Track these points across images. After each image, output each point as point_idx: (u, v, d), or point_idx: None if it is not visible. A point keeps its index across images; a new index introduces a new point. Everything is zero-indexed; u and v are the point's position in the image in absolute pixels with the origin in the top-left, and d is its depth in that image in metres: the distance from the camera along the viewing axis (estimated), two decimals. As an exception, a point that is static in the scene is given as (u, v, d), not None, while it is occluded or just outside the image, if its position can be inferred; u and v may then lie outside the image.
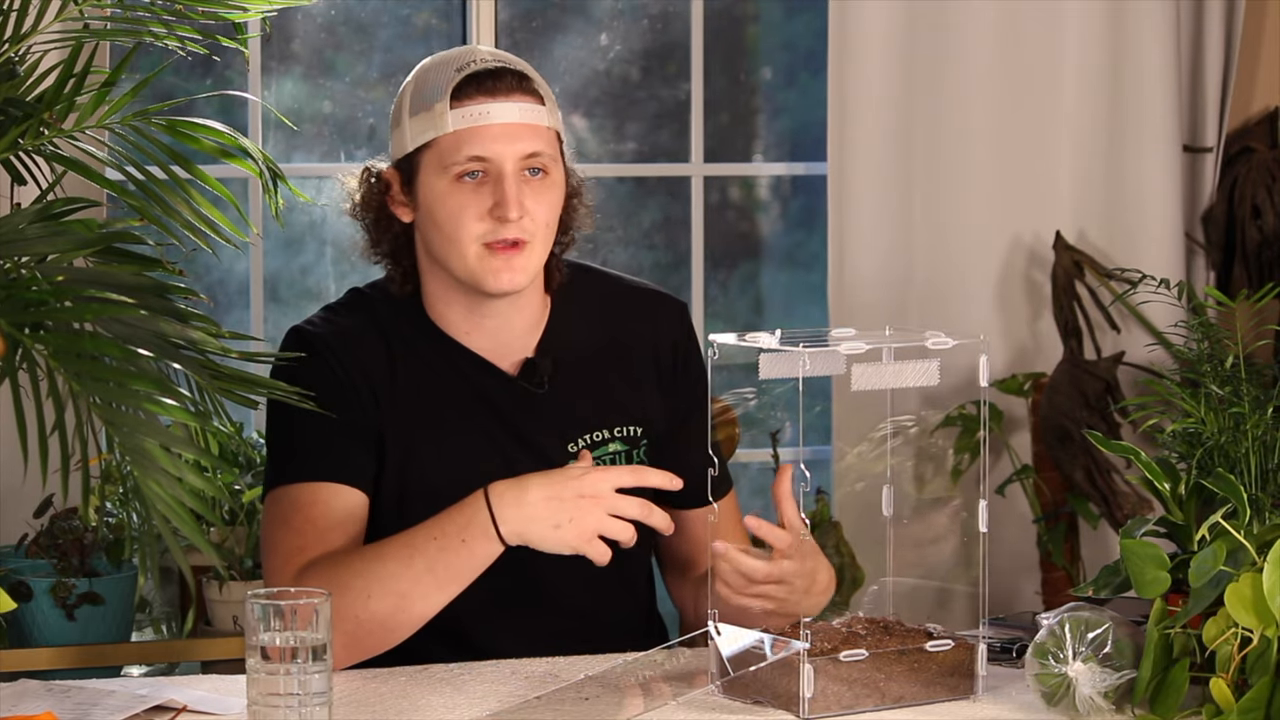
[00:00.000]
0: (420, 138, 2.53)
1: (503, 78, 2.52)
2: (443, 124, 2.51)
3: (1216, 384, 2.41)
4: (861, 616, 2.35)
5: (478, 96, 2.51)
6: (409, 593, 2.40)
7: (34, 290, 2.02)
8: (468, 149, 2.50)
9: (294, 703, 2.04)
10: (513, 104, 2.51)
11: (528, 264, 2.53)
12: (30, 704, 2.26)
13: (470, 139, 2.50)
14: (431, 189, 2.53)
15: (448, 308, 2.59)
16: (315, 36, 4.26)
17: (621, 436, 2.62)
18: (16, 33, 2.30)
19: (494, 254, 2.51)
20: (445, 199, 2.51)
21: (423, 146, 2.53)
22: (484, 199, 2.50)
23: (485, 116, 2.50)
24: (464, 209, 2.50)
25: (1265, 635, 2.11)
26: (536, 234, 2.52)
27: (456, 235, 2.51)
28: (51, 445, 1.97)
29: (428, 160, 2.53)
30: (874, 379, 2.35)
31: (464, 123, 2.50)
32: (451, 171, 2.51)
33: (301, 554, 2.47)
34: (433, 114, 2.51)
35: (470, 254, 2.51)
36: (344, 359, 2.55)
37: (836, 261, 4.14)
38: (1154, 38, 4.19)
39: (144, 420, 1.98)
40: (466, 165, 2.50)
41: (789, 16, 4.53)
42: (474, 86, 2.51)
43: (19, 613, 3.55)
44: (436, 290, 2.59)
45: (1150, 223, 4.22)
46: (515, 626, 2.57)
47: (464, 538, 2.39)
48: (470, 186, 2.51)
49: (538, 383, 2.58)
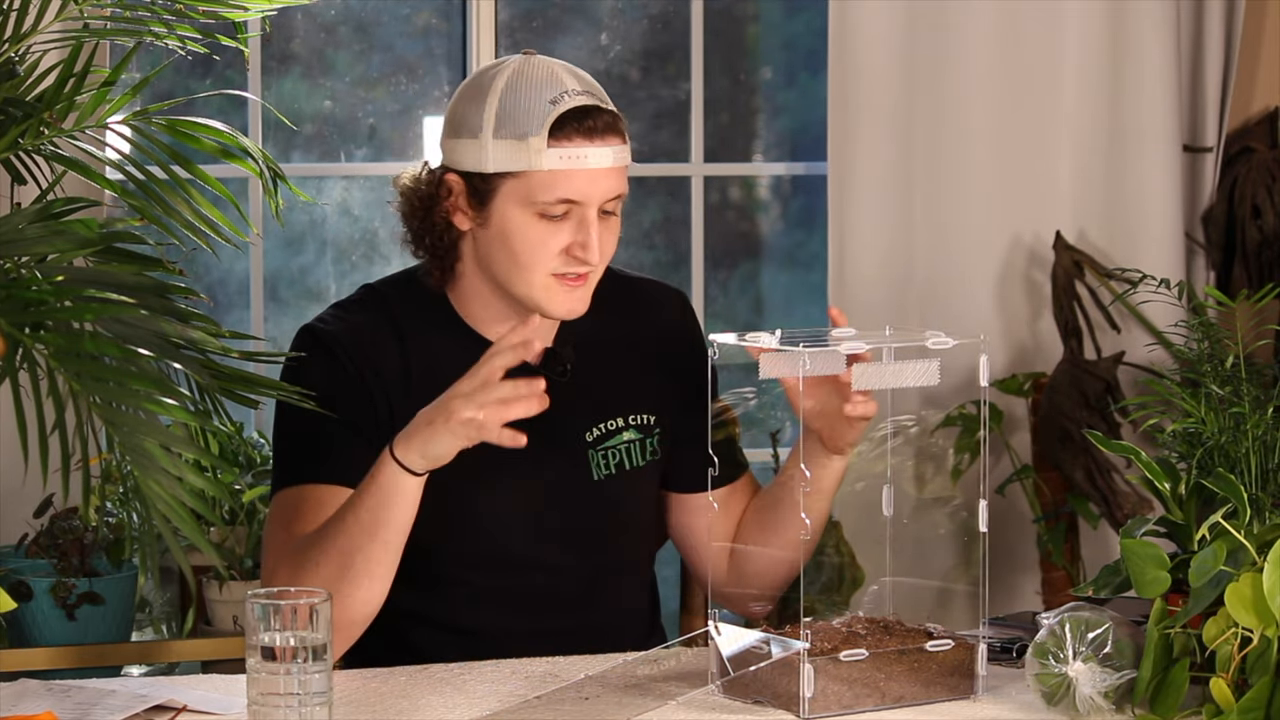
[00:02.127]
0: (506, 164, 2.48)
1: (599, 118, 2.49)
2: (537, 160, 2.47)
3: (1216, 384, 2.41)
4: (861, 616, 2.35)
5: (576, 139, 2.47)
6: (346, 547, 2.40)
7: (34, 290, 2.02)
8: (561, 190, 2.47)
9: (294, 703, 2.04)
10: (608, 149, 2.49)
11: (589, 293, 2.54)
12: (30, 704, 2.26)
13: (564, 181, 2.47)
14: (510, 217, 2.50)
15: (483, 308, 2.58)
16: (315, 36, 4.26)
17: (636, 425, 2.63)
18: (16, 32, 2.30)
19: (561, 284, 2.51)
20: (525, 230, 2.49)
21: (507, 173, 2.49)
22: (563, 236, 2.49)
23: (583, 160, 2.47)
24: (543, 244, 2.49)
25: (1265, 635, 2.11)
26: (602, 267, 2.54)
27: (531, 264, 2.50)
28: (51, 445, 1.97)
29: (511, 188, 2.49)
30: (874, 379, 2.35)
31: (561, 164, 2.47)
32: (537, 208, 2.48)
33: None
34: (526, 146, 2.47)
35: (538, 284, 2.51)
36: (355, 357, 2.55)
37: (836, 261, 4.14)
38: (1154, 38, 4.19)
39: (144, 420, 1.98)
40: (557, 207, 2.48)
41: (789, 16, 4.53)
42: (573, 126, 2.47)
43: (19, 613, 3.55)
44: (477, 293, 2.58)
45: (1150, 223, 4.22)
46: (516, 625, 2.57)
47: (378, 484, 2.39)
48: (551, 223, 2.49)
49: (560, 371, 2.59)
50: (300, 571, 2.41)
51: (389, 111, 4.29)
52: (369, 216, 4.31)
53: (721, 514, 2.65)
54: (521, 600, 2.58)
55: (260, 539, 3.66)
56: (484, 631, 2.57)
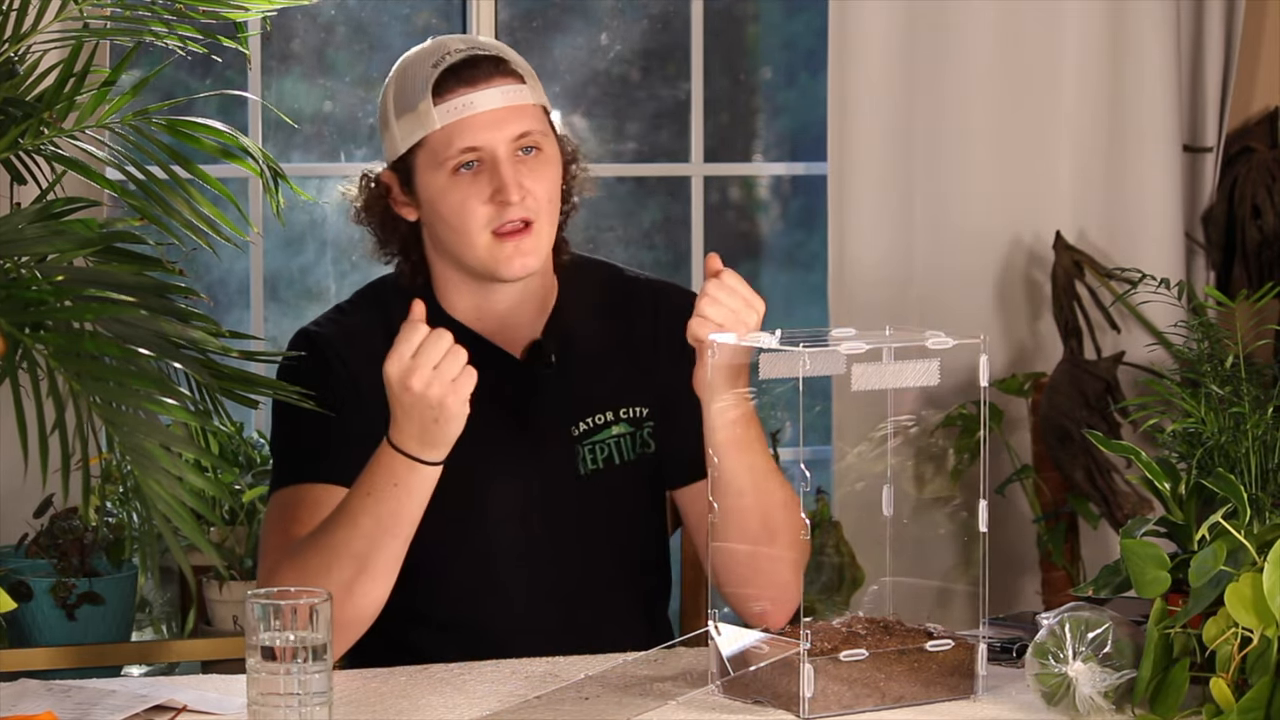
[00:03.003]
0: (410, 138, 2.55)
1: (479, 65, 2.54)
2: (429, 121, 2.53)
3: (1216, 384, 2.41)
4: (861, 616, 2.35)
5: (458, 89, 2.53)
6: (364, 551, 2.40)
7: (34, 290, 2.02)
8: (458, 141, 2.52)
9: (294, 703, 2.04)
10: (494, 89, 2.53)
11: (537, 245, 2.54)
12: (30, 704, 2.26)
13: (458, 131, 2.52)
14: (430, 186, 2.54)
15: (458, 295, 2.61)
16: (315, 36, 4.26)
17: (626, 418, 2.62)
18: (16, 32, 2.30)
19: (503, 242, 2.53)
20: (446, 194, 2.53)
21: (414, 146, 2.55)
22: (483, 187, 2.52)
23: (469, 107, 2.53)
24: (466, 200, 2.52)
25: (1265, 635, 2.11)
26: (540, 211, 2.54)
27: (463, 227, 2.53)
28: (51, 445, 1.97)
29: (421, 159, 2.55)
30: (874, 379, 2.35)
31: (449, 117, 2.52)
32: (446, 166, 2.53)
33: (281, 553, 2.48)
34: (417, 113, 2.53)
35: (480, 244, 2.53)
36: (347, 360, 2.56)
37: (836, 261, 4.14)
38: (1154, 38, 4.19)
39: (144, 420, 1.98)
40: (460, 157, 2.52)
41: (789, 16, 4.53)
42: (453, 79, 2.53)
43: (19, 613, 3.55)
44: (446, 279, 2.61)
45: (1150, 223, 4.23)
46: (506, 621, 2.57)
47: (394, 481, 2.39)
48: (468, 177, 2.53)
49: (544, 364, 2.59)
50: (309, 577, 2.40)
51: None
52: (369, 216, 4.30)
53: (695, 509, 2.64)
54: (510, 595, 2.58)
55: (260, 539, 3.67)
56: (475, 626, 2.57)
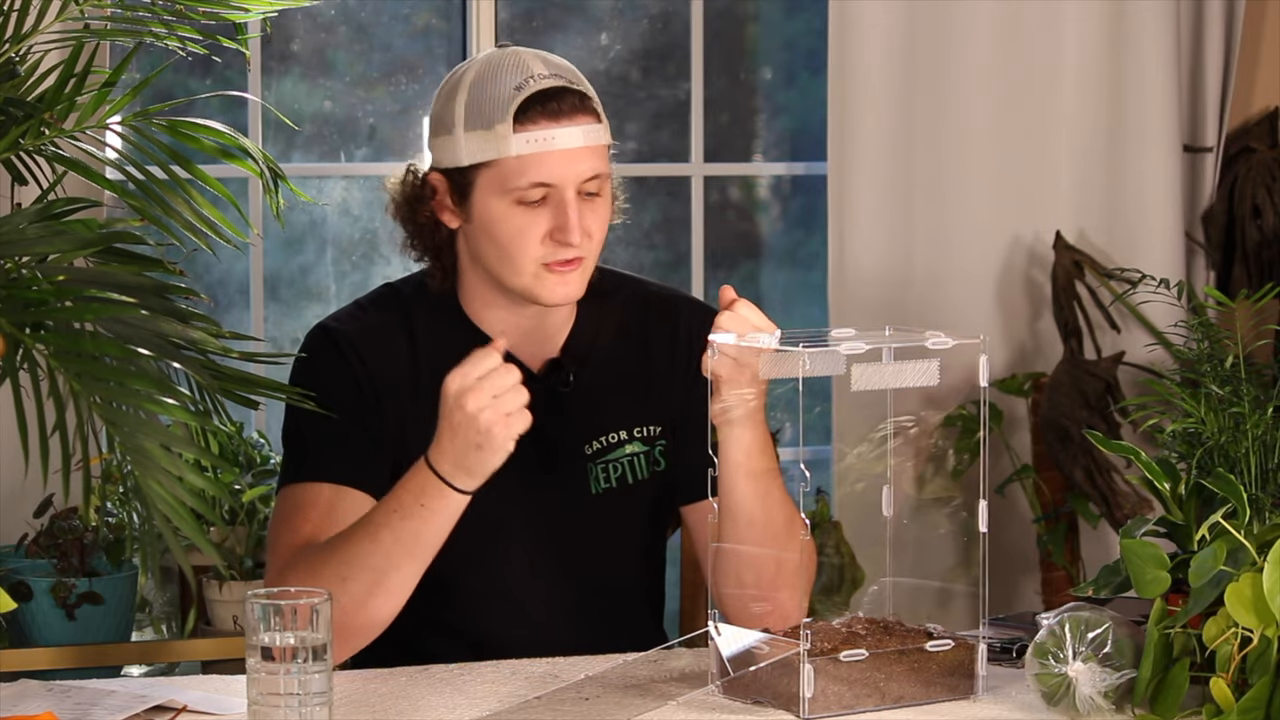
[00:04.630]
0: (478, 155, 2.49)
1: (565, 99, 2.48)
2: (505, 147, 2.47)
3: (1216, 384, 2.41)
4: (861, 616, 2.34)
5: (542, 121, 2.46)
6: (382, 567, 2.39)
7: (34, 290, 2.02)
8: (532, 175, 2.47)
9: (294, 703, 2.04)
10: (577, 128, 2.48)
11: (584, 278, 2.53)
12: (30, 704, 2.26)
13: (534, 165, 2.47)
14: (489, 208, 2.50)
15: (486, 307, 2.58)
16: (315, 36, 4.26)
17: (640, 437, 2.62)
18: (17, 33, 2.30)
19: (551, 271, 2.50)
20: (505, 220, 2.49)
21: (480, 164, 2.50)
22: (544, 222, 2.48)
23: (550, 142, 2.46)
24: (524, 232, 2.48)
25: (1265, 635, 2.11)
26: (591, 249, 2.52)
27: (515, 256, 2.50)
28: (52, 445, 1.97)
29: (486, 179, 2.49)
30: (874, 379, 2.34)
31: (528, 148, 2.46)
32: (512, 194, 2.48)
33: (291, 552, 2.48)
34: (494, 134, 2.47)
35: (528, 273, 2.50)
36: (366, 359, 2.55)
37: (836, 261, 4.14)
38: (1154, 38, 4.19)
39: (144, 420, 1.98)
40: (530, 192, 2.47)
41: (789, 16, 4.53)
42: (538, 109, 2.47)
43: (19, 613, 3.55)
44: (477, 290, 2.58)
45: (1150, 223, 4.23)
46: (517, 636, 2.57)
47: (422, 502, 2.38)
48: (530, 209, 2.48)
49: (562, 382, 2.58)
50: (322, 583, 2.37)
51: (389, 111, 4.29)
52: (369, 216, 4.31)
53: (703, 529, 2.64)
54: (523, 607, 2.58)
55: (260, 539, 3.66)
56: (488, 637, 2.57)
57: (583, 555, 2.60)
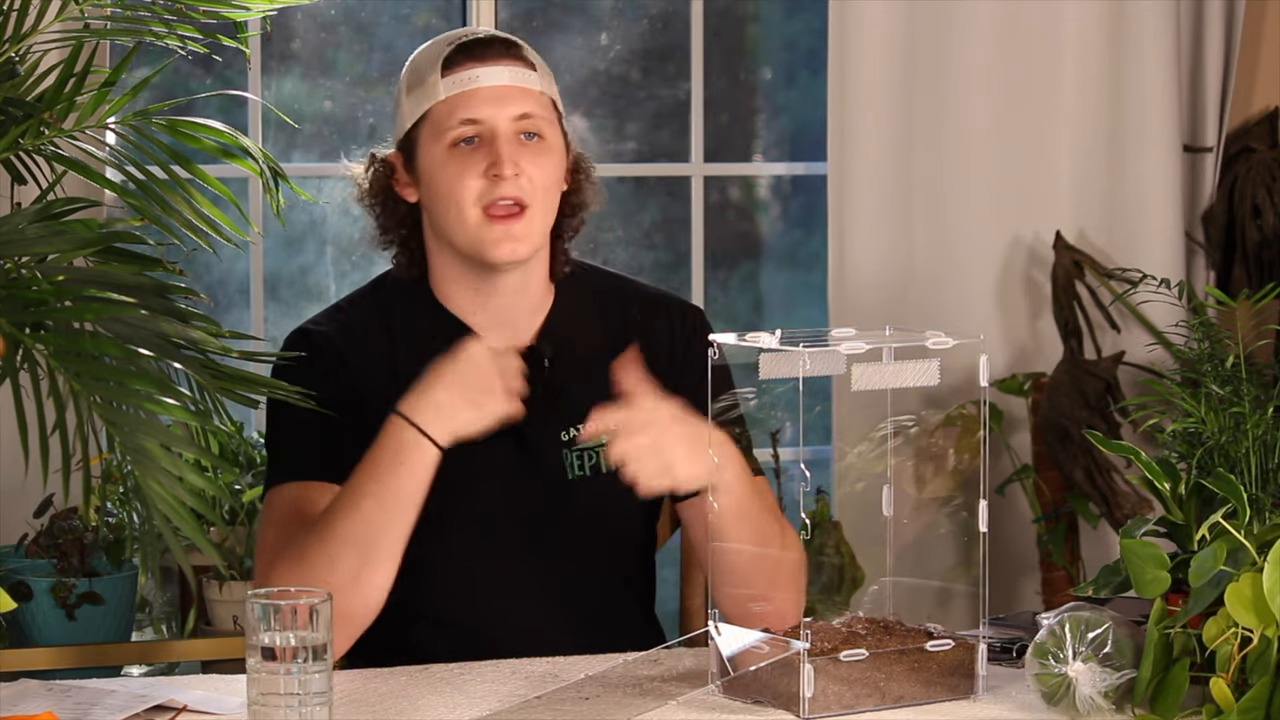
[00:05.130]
0: (415, 112, 2.57)
1: (491, 44, 2.58)
2: (434, 93, 2.55)
3: (1216, 384, 2.41)
4: (861, 616, 2.34)
5: (467, 63, 2.56)
6: (369, 536, 2.40)
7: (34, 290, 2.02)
8: (460, 113, 2.54)
9: (294, 703, 2.04)
10: (502, 67, 2.56)
11: (529, 231, 2.54)
12: (30, 704, 2.26)
13: (461, 103, 2.54)
14: (429, 158, 2.56)
15: (454, 286, 2.60)
16: (315, 36, 4.26)
17: None
18: (17, 32, 2.30)
19: (494, 223, 2.52)
20: (443, 165, 2.54)
21: (419, 121, 2.57)
22: (479, 161, 2.53)
23: (475, 80, 2.55)
24: (460, 173, 2.53)
25: (1265, 635, 2.11)
26: (535, 197, 2.54)
27: (455, 197, 2.53)
28: (52, 445, 1.97)
29: (424, 133, 2.57)
30: (874, 379, 2.34)
31: (454, 89, 2.55)
32: (446, 138, 2.54)
33: None
34: (425, 86, 2.56)
35: (470, 219, 2.53)
36: (347, 358, 2.56)
37: (836, 261, 4.14)
38: (1154, 38, 4.19)
39: (144, 420, 1.98)
40: (460, 130, 2.54)
41: (789, 16, 4.53)
42: (463, 55, 2.56)
43: (19, 613, 3.55)
44: (443, 269, 2.61)
45: (1150, 223, 4.23)
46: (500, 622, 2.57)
47: (400, 460, 2.40)
48: (465, 151, 2.54)
49: (537, 368, 2.59)
50: (308, 571, 2.39)
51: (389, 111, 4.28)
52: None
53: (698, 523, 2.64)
54: (502, 592, 2.58)
55: (258, 538, 3.67)
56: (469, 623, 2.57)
57: (560, 539, 2.60)
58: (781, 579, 2.52)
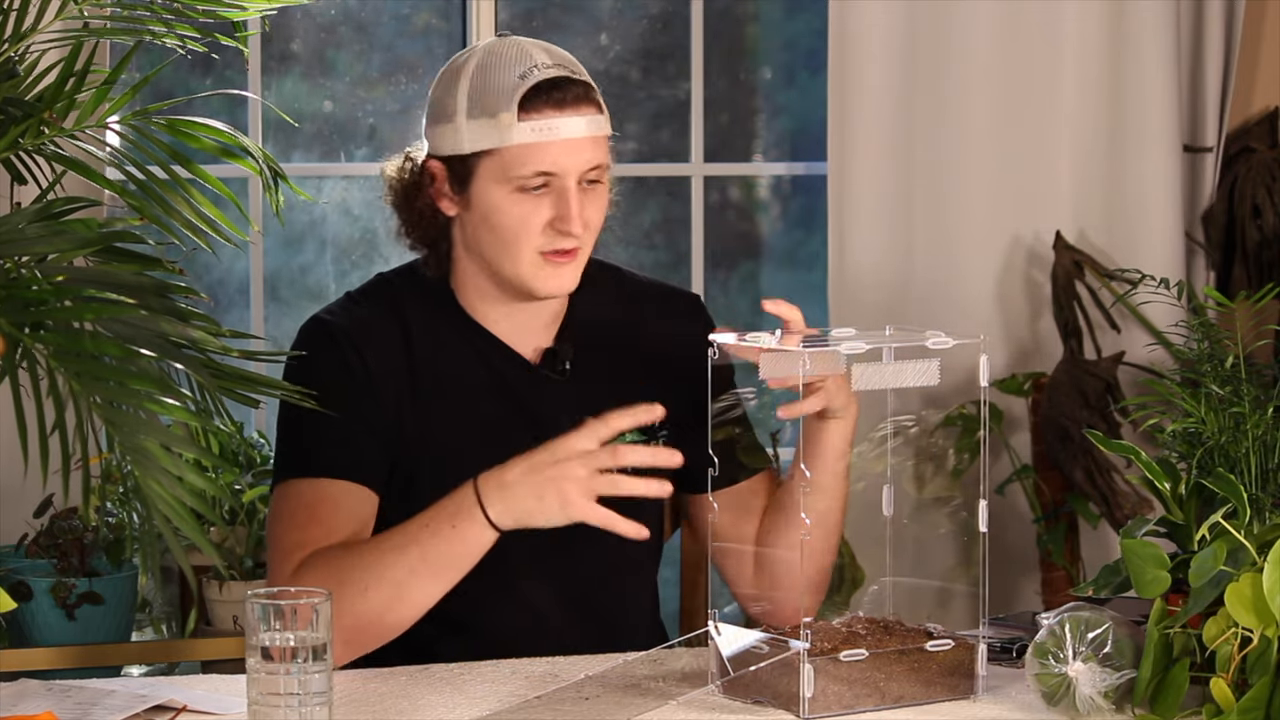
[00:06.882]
0: (480, 143, 2.50)
1: (568, 89, 2.50)
2: (508, 136, 2.48)
3: (1216, 384, 2.41)
4: (861, 616, 2.35)
5: (546, 110, 2.48)
6: (405, 582, 2.40)
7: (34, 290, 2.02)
8: (535, 164, 2.48)
9: (294, 703, 2.04)
10: (580, 118, 2.50)
11: (577, 270, 2.54)
12: (30, 704, 2.26)
13: (537, 154, 2.48)
14: (489, 196, 2.51)
15: (480, 297, 2.59)
16: (315, 36, 4.26)
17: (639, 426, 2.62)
18: (16, 32, 2.30)
19: (548, 261, 2.51)
20: (506, 209, 2.50)
21: (483, 152, 2.51)
22: (544, 211, 2.50)
23: (552, 132, 2.48)
24: (525, 221, 2.50)
25: (1265, 635, 2.11)
26: (588, 239, 2.54)
27: (514, 245, 2.51)
28: (51, 445, 1.97)
29: (488, 167, 2.51)
30: (874, 379, 2.34)
31: (531, 137, 2.48)
32: (515, 183, 2.49)
33: (302, 550, 2.47)
34: (497, 123, 2.49)
35: (525, 262, 2.51)
36: (362, 350, 2.55)
37: (836, 261, 4.14)
38: (1154, 38, 4.19)
39: (144, 420, 1.98)
40: (533, 180, 2.49)
41: (789, 16, 4.53)
42: (542, 99, 2.48)
43: (19, 613, 3.55)
44: (471, 279, 2.59)
45: (1150, 223, 4.23)
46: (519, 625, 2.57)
47: (454, 524, 2.39)
48: (531, 197, 2.50)
49: (559, 371, 2.59)
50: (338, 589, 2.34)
51: (389, 111, 4.29)
52: (369, 216, 4.31)
53: (736, 514, 2.64)
54: (519, 596, 2.58)
55: (261, 539, 3.66)
56: (485, 628, 2.57)
57: (580, 542, 2.60)
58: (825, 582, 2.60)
